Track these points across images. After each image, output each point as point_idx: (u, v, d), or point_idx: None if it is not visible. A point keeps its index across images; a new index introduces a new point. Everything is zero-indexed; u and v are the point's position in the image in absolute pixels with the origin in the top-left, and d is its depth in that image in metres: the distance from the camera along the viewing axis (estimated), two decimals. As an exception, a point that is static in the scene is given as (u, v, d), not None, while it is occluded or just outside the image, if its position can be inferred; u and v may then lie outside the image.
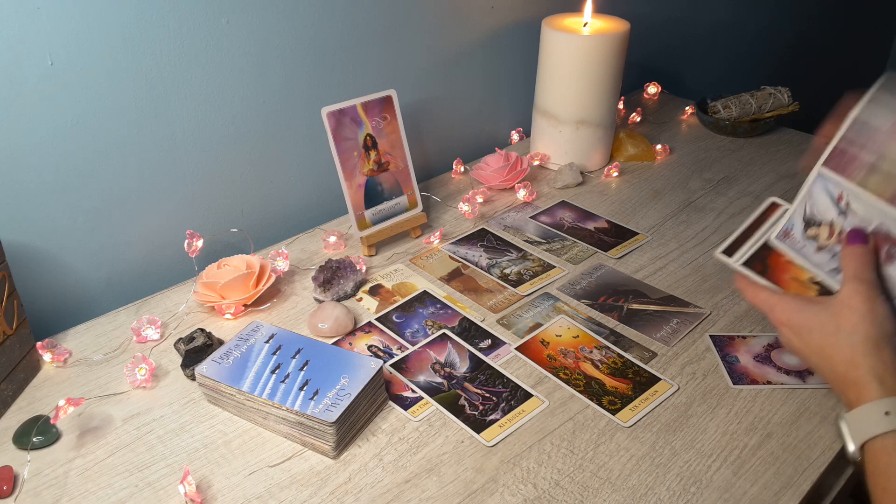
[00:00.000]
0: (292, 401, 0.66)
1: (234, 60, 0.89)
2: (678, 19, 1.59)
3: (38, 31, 0.73)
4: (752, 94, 1.31)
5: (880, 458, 0.56)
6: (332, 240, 0.97)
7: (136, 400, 0.73)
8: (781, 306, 0.66)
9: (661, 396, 0.73)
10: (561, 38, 1.07)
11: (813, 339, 0.64)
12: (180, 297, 0.88)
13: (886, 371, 0.59)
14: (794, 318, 0.65)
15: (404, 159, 0.98)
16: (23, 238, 0.80)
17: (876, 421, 0.57)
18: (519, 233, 1.02)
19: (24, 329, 0.74)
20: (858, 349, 0.60)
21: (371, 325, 0.84)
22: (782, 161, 1.22)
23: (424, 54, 1.11)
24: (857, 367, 0.60)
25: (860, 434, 0.58)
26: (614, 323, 0.84)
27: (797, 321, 0.65)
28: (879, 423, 0.56)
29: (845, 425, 0.59)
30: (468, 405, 0.72)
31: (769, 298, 0.68)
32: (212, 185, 0.94)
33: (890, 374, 0.59)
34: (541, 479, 0.64)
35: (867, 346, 0.60)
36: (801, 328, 0.64)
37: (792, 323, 0.65)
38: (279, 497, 0.63)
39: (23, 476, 0.64)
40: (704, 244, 0.98)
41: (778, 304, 0.67)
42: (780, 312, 0.66)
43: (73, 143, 0.80)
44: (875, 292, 0.63)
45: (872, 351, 0.60)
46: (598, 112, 1.12)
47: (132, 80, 0.82)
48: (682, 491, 0.63)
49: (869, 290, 0.62)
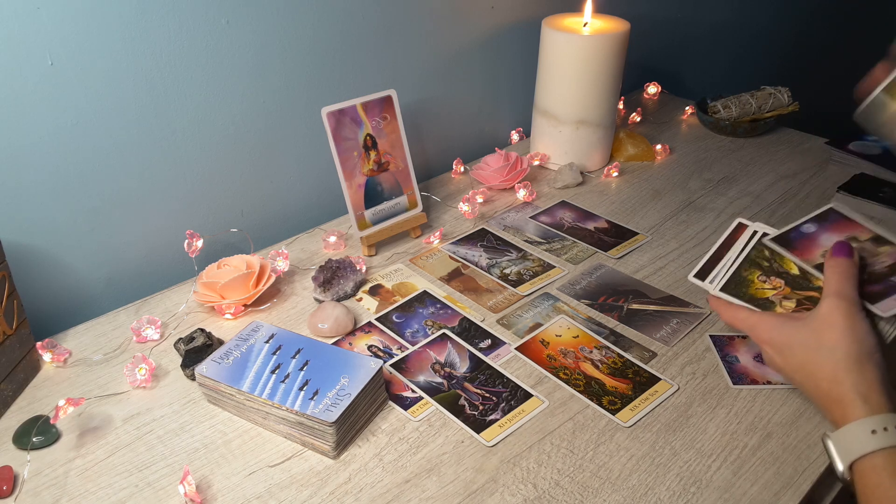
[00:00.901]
0: (292, 401, 0.66)
1: (234, 60, 0.89)
2: (678, 19, 1.59)
3: (38, 31, 0.73)
4: (752, 94, 1.31)
5: (870, 478, 0.56)
6: (332, 240, 0.97)
7: (136, 400, 0.73)
8: (762, 325, 0.67)
9: (661, 396, 0.73)
10: (561, 38, 1.07)
11: (795, 355, 0.64)
12: (180, 297, 0.88)
13: (870, 389, 0.59)
14: (776, 336, 0.65)
15: (404, 159, 0.98)
16: (23, 238, 0.80)
17: (863, 440, 0.57)
18: (519, 233, 1.02)
19: (24, 329, 0.74)
20: (840, 366, 0.60)
21: (371, 325, 0.84)
22: (782, 161, 1.22)
23: (424, 54, 1.11)
24: (839, 384, 0.60)
25: (848, 454, 0.58)
26: (614, 323, 0.84)
27: (778, 339, 0.65)
28: (866, 442, 0.57)
29: (832, 444, 0.59)
30: (468, 405, 0.72)
31: (749, 318, 0.68)
32: (212, 185, 0.94)
33: (873, 391, 0.59)
34: (541, 479, 0.64)
35: (849, 363, 0.60)
36: (783, 346, 0.65)
37: (773, 341, 0.66)
38: (279, 497, 0.63)
39: (23, 476, 0.64)
40: (704, 244, 0.98)
41: (758, 323, 0.67)
42: (761, 331, 0.67)
43: (73, 143, 0.80)
44: (855, 308, 0.63)
45: (854, 368, 0.60)
46: (598, 112, 1.12)
47: (132, 80, 0.82)
48: (682, 491, 0.63)
49: (849, 306, 0.63)
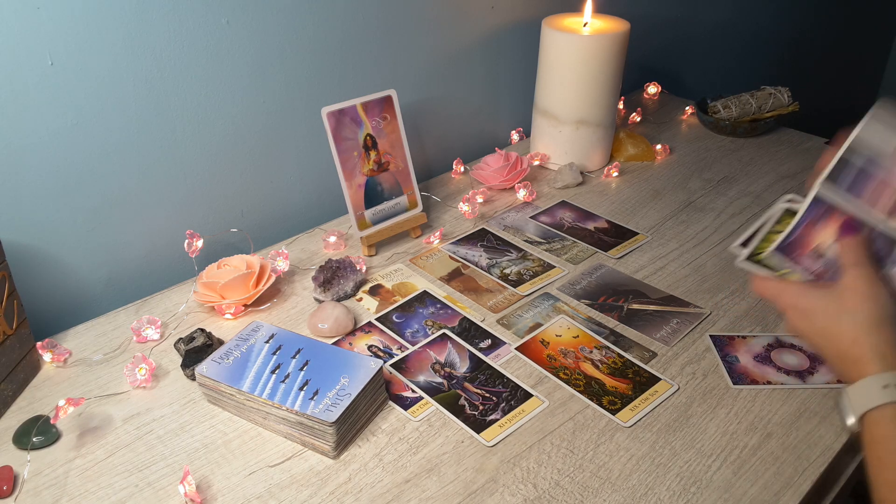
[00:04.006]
0: (292, 401, 0.66)
1: (234, 60, 0.89)
2: (678, 19, 1.59)
3: (38, 31, 0.73)
4: (752, 94, 1.31)
5: (877, 429, 0.58)
6: (332, 240, 0.97)
7: (136, 400, 0.73)
8: (788, 291, 0.69)
9: (661, 396, 0.73)
10: (561, 38, 1.07)
11: (817, 320, 0.66)
12: (180, 297, 0.88)
13: (888, 347, 0.61)
14: (800, 302, 0.68)
15: (404, 159, 0.98)
16: (23, 238, 0.80)
17: (875, 393, 0.59)
18: (519, 233, 1.02)
19: (24, 329, 0.74)
20: (862, 328, 0.62)
21: (371, 325, 0.84)
22: (782, 161, 1.22)
23: (424, 54, 1.11)
24: (859, 345, 0.62)
25: (859, 406, 0.60)
26: (614, 323, 0.84)
27: (802, 304, 0.67)
28: (878, 395, 0.59)
29: (846, 399, 0.62)
30: (468, 405, 0.72)
31: (775, 286, 0.71)
32: (212, 185, 0.94)
33: (891, 350, 0.61)
34: (541, 479, 0.64)
35: (870, 325, 0.62)
36: (806, 311, 0.67)
37: (797, 306, 0.68)
38: (279, 497, 0.63)
39: (23, 476, 0.64)
40: (704, 244, 0.98)
41: (784, 290, 0.70)
42: (787, 297, 0.69)
43: (73, 143, 0.80)
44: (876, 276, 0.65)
45: (875, 329, 0.62)
46: (598, 112, 1.12)
47: (132, 80, 0.82)
48: (682, 491, 0.63)
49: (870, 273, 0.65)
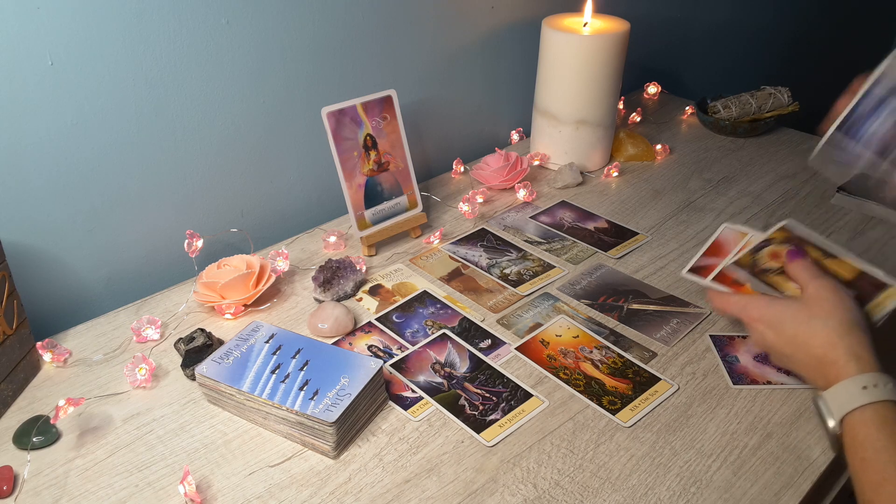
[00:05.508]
0: (292, 401, 0.66)
1: (234, 60, 0.89)
2: (678, 19, 1.59)
3: (38, 31, 0.73)
4: (752, 94, 1.31)
5: (859, 431, 0.58)
6: (332, 240, 0.97)
7: (136, 400, 0.73)
8: (753, 304, 0.70)
9: (661, 396, 0.73)
10: (561, 38, 1.07)
11: (787, 328, 0.66)
12: (180, 297, 0.88)
13: (863, 349, 0.62)
14: (766, 313, 0.68)
15: (404, 159, 0.98)
16: (23, 238, 0.80)
17: (855, 395, 0.59)
18: (519, 233, 1.02)
19: (24, 329, 0.74)
20: (835, 331, 0.63)
21: (371, 325, 0.84)
22: (782, 161, 1.22)
23: (424, 54, 1.11)
24: (834, 348, 0.62)
25: (839, 408, 0.60)
26: (614, 323, 0.84)
27: (769, 315, 0.68)
28: (858, 396, 0.59)
29: (823, 403, 0.62)
30: (468, 405, 0.72)
31: (739, 300, 0.72)
32: (212, 185, 0.94)
33: (865, 352, 0.62)
34: (541, 479, 0.64)
35: (843, 329, 0.63)
36: (773, 321, 0.67)
37: (764, 318, 0.68)
38: (279, 497, 0.63)
39: (23, 476, 0.64)
40: (704, 244, 0.98)
41: (749, 304, 0.70)
42: (752, 310, 0.70)
43: (73, 143, 0.80)
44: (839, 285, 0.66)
45: (846, 333, 0.63)
46: (598, 112, 1.12)
47: (132, 80, 0.82)
48: (682, 491, 0.63)
49: (833, 283, 0.66)
